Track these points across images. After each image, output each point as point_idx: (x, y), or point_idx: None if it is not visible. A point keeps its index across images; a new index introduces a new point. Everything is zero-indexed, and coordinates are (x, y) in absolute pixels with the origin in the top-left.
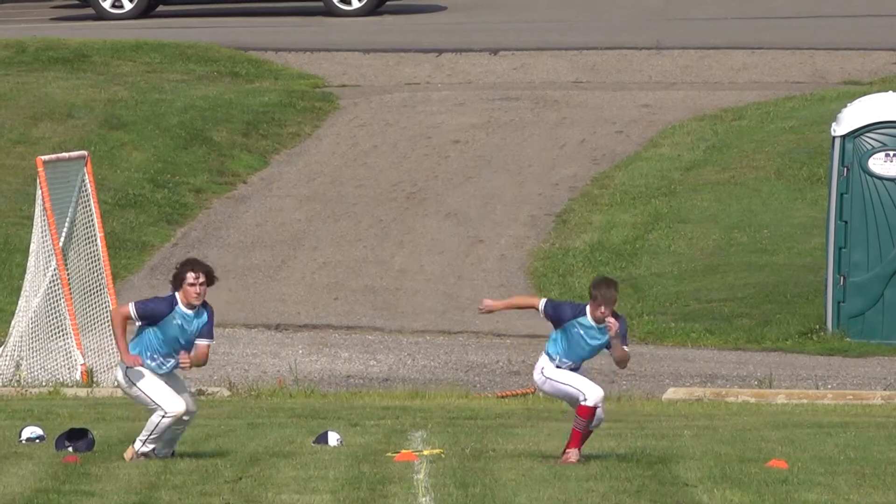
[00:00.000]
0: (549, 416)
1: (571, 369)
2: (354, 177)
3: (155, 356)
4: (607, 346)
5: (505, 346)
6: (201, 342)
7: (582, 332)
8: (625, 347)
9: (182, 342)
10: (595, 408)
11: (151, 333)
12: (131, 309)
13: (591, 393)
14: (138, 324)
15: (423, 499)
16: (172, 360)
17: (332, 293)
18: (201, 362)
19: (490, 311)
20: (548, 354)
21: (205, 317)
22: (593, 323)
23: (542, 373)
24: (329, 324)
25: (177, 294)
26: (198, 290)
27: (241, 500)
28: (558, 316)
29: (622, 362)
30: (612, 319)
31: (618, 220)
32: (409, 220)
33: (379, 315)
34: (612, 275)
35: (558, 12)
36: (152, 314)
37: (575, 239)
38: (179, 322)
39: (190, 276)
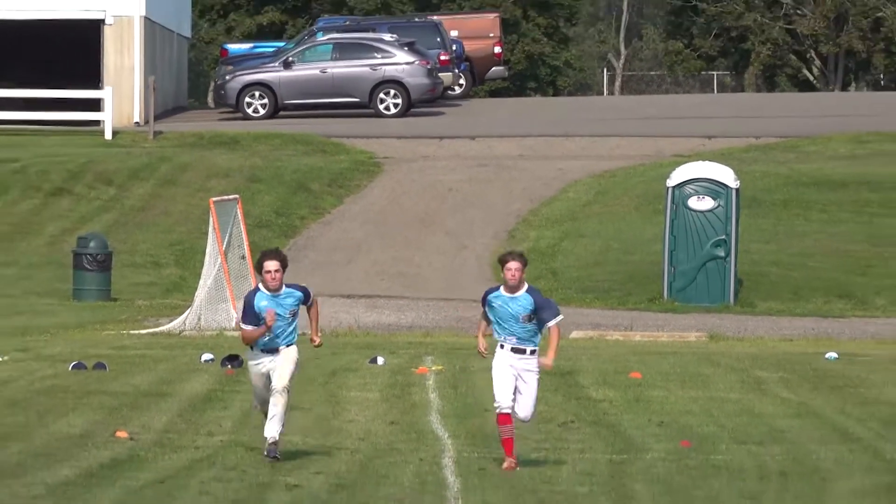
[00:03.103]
0: None
1: (515, 349)
2: (392, 210)
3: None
4: (533, 312)
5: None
6: (311, 303)
7: (499, 302)
8: (549, 323)
9: (281, 317)
10: (503, 414)
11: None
12: (244, 326)
13: (499, 398)
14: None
15: (432, 395)
16: (276, 336)
17: (379, 276)
18: (318, 313)
19: (485, 350)
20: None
21: (294, 297)
22: (503, 293)
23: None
24: (378, 294)
25: (260, 284)
26: (273, 276)
27: (326, 395)
28: (484, 300)
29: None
30: (544, 361)
31: (544, 235)
32: (424, 236)
33: (406, 290)
34: (539, 268)
35: (509, 116)
36: (249, 311)
37: (519, 246)
38: (266, 303)
39: (266, 265)
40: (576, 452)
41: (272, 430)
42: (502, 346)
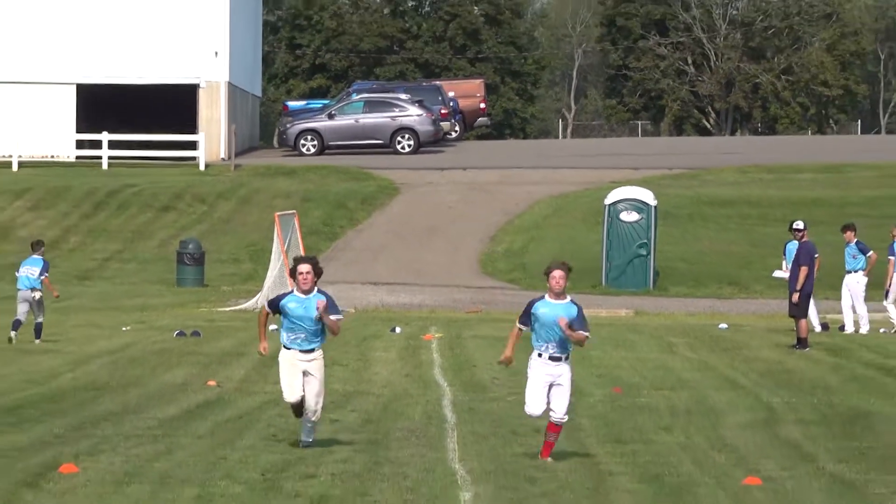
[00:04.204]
0: (491, 320)
1: (552, 357)
2: (406, 222)
3: (289, 334)
4: (573, 320)
5: (471, 292)
6: (333, 317)
7: (545, 309)
8: (582, 332)
9: (306, 321)
10: (530, 416)
11: (284, 317)
12: (265, 305)
13: (528, 406)
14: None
15: (435, 355)
16: (302, 336)
17: (397, 268)
18: (335, 330)
19: (510, 361)
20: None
21: (322, 301)
22: (549, 300)
23: (528, 367)
24: (396, 282)
25: (294, 287)
26: (304, 278)
27: (359, 354)
28: (527, 310)
29: (579, 343)
30: (562, 319)
31: (515, 239)
32: (429, 240)
33: (418, 279)
34: (513, 262)
35: (491, 154)
36: (275, 303)
37: (497, 247)
38: (295, 304)
39: (300, 268)
40: None
41: (307, 437)
42: (540, 356)
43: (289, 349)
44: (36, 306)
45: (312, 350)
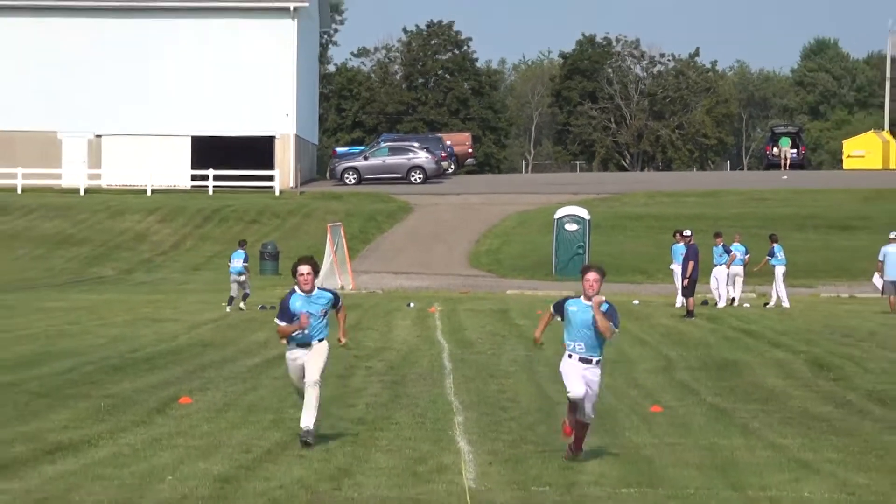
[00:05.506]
0: (477, 298)
1: (582, 359)
2: (417, 231)
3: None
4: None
5: (463, 277)
6: (339, 307)
7: (575, 308)
8: (610, 325)
9: (314, 316)
10: (574, 400)
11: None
12: (279, 322)
13: (572, 388)
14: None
15: (438, 322)
16: (304, 332)
17: (411, 262)
18: (345, 316)
19: (539, 340)
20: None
21: (325, 298)
22: (582, 301)
23: (561, 366)
24: (411, 271)
25: (296, 286)
26: (305, 279)
27: (384, 322)
28: (560, 304)
29: (605, 331)
30: (597, 297)
31: (493, 243)
32: (433, 243)
33: (425, 269)
34: (491, 258)
35: (476, 184)
36: (287, 313)
37: (481, 247)
38: (301, 303)
39: (300, 269)
40: (508, 350)
41: (307, 420)
42: (570, 356)
43: (288, 343)
44: (242, 285)
45: (310, 344)
